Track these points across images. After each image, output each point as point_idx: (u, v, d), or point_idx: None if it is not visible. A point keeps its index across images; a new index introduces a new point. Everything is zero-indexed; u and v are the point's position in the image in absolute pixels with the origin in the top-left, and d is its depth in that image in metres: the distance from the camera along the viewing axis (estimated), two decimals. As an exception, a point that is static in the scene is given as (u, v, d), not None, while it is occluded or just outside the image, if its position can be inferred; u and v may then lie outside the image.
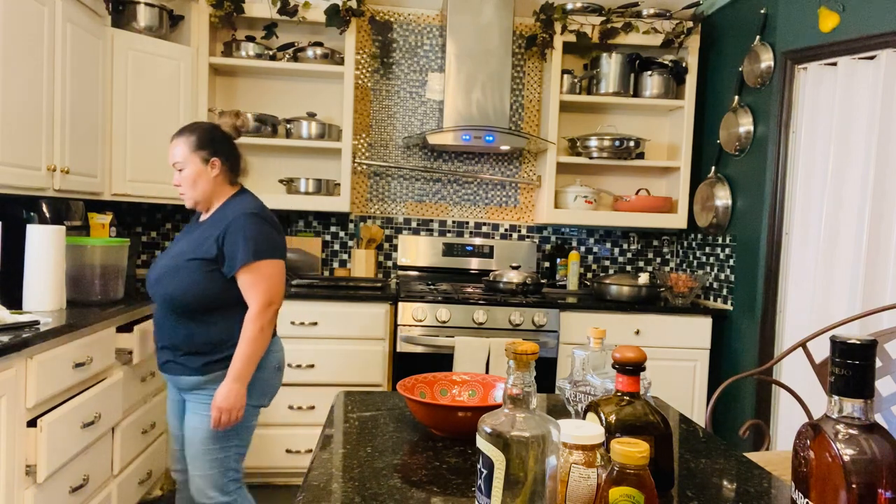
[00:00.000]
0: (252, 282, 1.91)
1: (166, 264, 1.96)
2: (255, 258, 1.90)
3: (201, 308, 1.92)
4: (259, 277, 1.91)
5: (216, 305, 1.93)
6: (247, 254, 1.89)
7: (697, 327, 3.21)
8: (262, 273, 1.92)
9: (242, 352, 1.91)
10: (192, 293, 1.91)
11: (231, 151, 2.04)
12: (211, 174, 1.99)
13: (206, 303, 1.92)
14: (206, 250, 1.91)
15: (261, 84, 3.59)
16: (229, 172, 2.03)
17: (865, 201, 2.56)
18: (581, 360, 1.26)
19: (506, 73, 3.38)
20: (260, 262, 1.91)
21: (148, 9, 3.07)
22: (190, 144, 1.97)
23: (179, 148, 1.97)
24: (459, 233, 3.79)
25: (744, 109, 3.15)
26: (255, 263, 1.90)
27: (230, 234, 1.91)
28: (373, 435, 1.23)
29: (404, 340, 3.05)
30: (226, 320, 1.95)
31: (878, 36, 2.53)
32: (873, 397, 0.73)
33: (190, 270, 1.91)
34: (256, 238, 1.91)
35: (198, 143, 1.97)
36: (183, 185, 1.99)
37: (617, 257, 3.87)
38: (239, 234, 1.90)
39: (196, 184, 1.98)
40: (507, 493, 0.77)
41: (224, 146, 2.02)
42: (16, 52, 2.19)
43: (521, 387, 0.79)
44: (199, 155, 1.97)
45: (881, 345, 2.06)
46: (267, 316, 1.93)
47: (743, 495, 1.03)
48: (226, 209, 1.99)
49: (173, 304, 1.92)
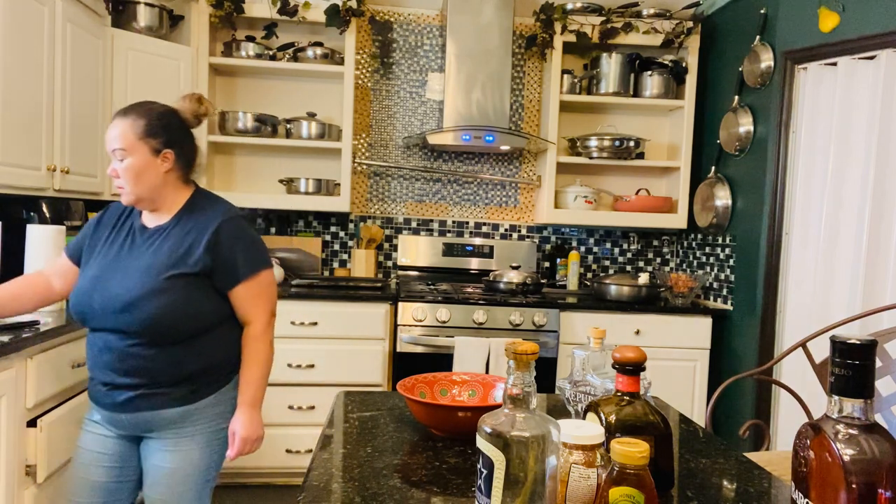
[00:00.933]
0: (255, 295, 1.69)
1: (135, 285, 1.58)
2: (258, 268, 1.69)
3: (193, 331, 1.63)
4: (261, 289, 1.70)
5: (210, 325, 1.66)
6: (249, 265, 1.67)
7: (697, 327, 3.21)
8: (264, 284, 1.71)
9: (257, 374, 1.70)
10: (187, 316, 1.61)
11: (188, 143, 1.71)
12: (161, 168, 1.63)
13: (200, 324, 1.64)
14: (191, 263, 1.61)
15: (261, 84, 3.59)
16: (183, 168, 1.69)
17: (865, 201, 2.56)
18: (581, 360, 1.26)
19: (506, 73, 3.38)
20: (261, 273, 1.70)
21: (148, 9, 3.07)
22: (138, 129, 1.61)
23: (122, 131, 1.61)
24: (459, 233, 3.79)
25: (744, 109, 3.15)
26: (258, 274, 1.69)
27: (224, 243, 1.64)
28: (373, 435, 1.23)
29: (404, 340, 3.05)
30: (221, 340, 1.70)
31: (878, 36, 2.53)
32: (873, 397, 0.73)
33: (178, 289, 1.60)
34: (254, 246, 1.70)
35: (148, 129, 1.61)
36: (123, 178, 1.62)
37: (617, 257, 3.87)
38: (236, 243, 1.66)
39: (141, 178, 1.62)
40: (507, 493, 0.77)
41: (180, 136, 1.68)
42: (16, 53, 2.19)
43: (521, 387, 0.79)
44: (148, 144, 1.62)
45: (881, 345, 2.06)
46: (272, 329, 1.74)
47: (743, 495, 1.03)
48: (196, 211, 1.69)
49: (156, 331, 1.59)
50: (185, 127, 1.70)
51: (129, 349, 1.60)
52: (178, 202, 1.69)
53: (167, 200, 1.68)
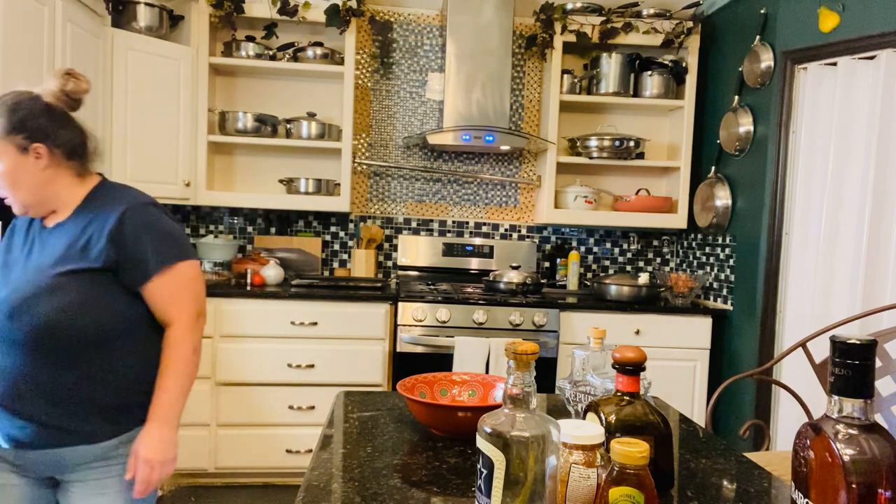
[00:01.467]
0: (172, 292, 1.42)
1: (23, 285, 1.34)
2: (172, 260, 1.42)
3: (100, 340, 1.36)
4: (180, 285, 1.43)
5: (120, 332, 1.38)
6: (160, 256, 1.40)
7: (697, 327, 3.21)
8: (183, 279, 1.44)
9: (172, 383, 1.41)
10: (88, 321, 1.34)
11: (62, 130, 1.41)
12: (37, 167, 1.38)
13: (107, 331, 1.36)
14: (93, 257, 1.36)
15: (261, 84, 3.59)
16: (68, 160, 1.42)
17: (865, 201, 2.56)
18: (581, 360, 1.26)
19: (506, 73, 3.38)
20: (180, 265, 1.43)
21: (148, 9, 3.07)
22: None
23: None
24: (459, 233, 3.79)
25: (744, 109, 3.15)
26: (174, 266, 1.42)
27: (129, 233, 1.38)
28: (373, 435, 1.23)
29: (404, 340, 3.05)
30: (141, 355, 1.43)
31: (878, 36, 2.53)
32: (873, 397, 0.73)
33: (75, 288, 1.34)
34: (167, 236, 1.44)
35: (6, 127, 1.35)
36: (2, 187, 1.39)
37: (617, 257, 3.87)
38: (143, 232, 1.40)
39: (18, 183, 1.38)
40: (507, 493, 0.77)
41: (47, 125, 1.39)
42: (16, 52, 2.19)
43: (521, 387, 0.79)
44: (12, 142, 1.36)
45: (881, 345, 2.06)
46: (199, 331, 1.47)
47: (743, 495, 1.03)
48: (97, 201, 1.44)
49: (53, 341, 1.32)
50: (52, 113, 1.41)
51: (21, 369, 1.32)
52: (76, 198, 1.44)
53: (61, 200, 1.43)
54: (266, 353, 3.04)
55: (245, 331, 3.03)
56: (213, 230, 3.64)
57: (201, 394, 3.01)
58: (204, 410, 3.02)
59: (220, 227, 3.65)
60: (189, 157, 3.23)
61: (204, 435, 3.04)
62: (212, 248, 3.42)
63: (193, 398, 3.00)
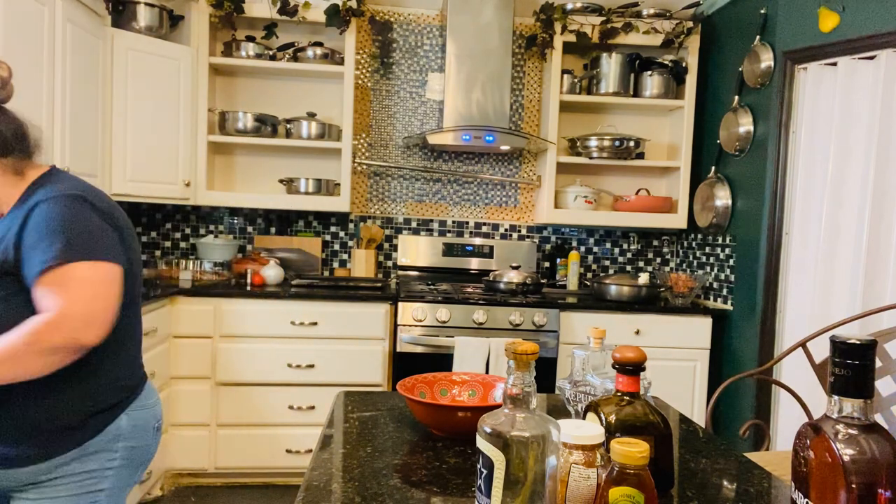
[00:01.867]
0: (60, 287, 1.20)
1: None
2: (63, 258, 1.19)
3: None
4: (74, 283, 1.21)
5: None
6: (51, 251, 1.19)
7: (697, 327, 3.21)
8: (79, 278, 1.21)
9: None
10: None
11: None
12: None
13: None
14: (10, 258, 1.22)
15: (261, 84, 3.59)
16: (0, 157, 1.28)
17: (865, 201, 2.56)
18: (581, 360, 1.26)
19: (506, 73, 3.38)
20: (74, 266, 1.20)
21: (148, 9, 3.07)
22: None
23: None
24: (459, 233, 3.79)
25: (744, 109, 3.15)
26: (64, 267, 1.20)
27: (31, 226, 1.22)
28: (373, 435, 1.23)
29: (404, 340, 3.05)
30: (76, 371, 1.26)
31: (878, 36, 2.53)
32: (873, 397, 0.73)
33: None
34: (69, 228, 1.22)
35: None
36: None
37: (617, 257, 3.87)
38: (46, 224, 1.21)
39: None
40: (507, 493, 0.77)
41: None
42: (16, 53, 2.19)
43: (521, 387, 0.79)
44: None
45: (881, 345, 2.06)
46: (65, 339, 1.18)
47: (743, 495, 1.03)
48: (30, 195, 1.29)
49: None
50: None
51: None
52: (14, 197, 1.30)
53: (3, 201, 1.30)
54: (266, 353, 3.04)
55: (245, 331, 3.03)
56: (213, 230, 3.64)
57: (201, 394, 3.02)
58: (204, 410, 3.02)
59: (220, 227, 3.65)
60: (189, 157, 3.23)
61: (204, 435, 3.04)
62: (212, 248, 3.42)
63: (194, 398, 3.00)
